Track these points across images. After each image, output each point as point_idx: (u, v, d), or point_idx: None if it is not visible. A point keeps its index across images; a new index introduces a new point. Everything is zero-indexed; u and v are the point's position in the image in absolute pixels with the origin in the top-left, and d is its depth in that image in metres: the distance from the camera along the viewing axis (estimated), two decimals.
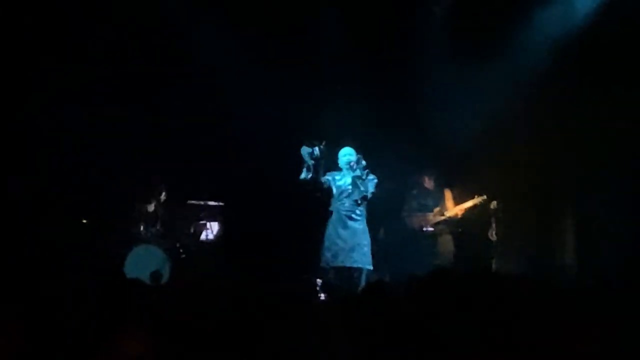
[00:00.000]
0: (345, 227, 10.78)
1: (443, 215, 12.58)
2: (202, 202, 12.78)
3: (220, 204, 12.92)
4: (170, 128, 12.74)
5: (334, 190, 10.87)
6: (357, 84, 12.60)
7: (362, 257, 10.71)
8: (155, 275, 11.36)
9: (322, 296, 8.46)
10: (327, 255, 10.70)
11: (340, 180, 10.90)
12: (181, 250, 12.25)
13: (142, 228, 12.28)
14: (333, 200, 10.88)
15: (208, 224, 12.84)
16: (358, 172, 10.74)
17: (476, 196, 12.48)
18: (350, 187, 10.82)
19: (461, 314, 4.95)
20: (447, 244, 12.55)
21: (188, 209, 12.77)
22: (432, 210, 12.59)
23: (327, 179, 10.87)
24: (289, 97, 12.55)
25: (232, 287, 5.99)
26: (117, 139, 12.36)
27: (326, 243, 10.76)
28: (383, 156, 11.47)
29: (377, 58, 12.58)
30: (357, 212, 10.81)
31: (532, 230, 12.53)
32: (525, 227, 12.48)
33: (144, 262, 11.50)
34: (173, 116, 12.78)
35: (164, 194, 12.47)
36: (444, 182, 12.75)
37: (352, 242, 10.74)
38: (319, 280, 10.29)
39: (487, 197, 12.41)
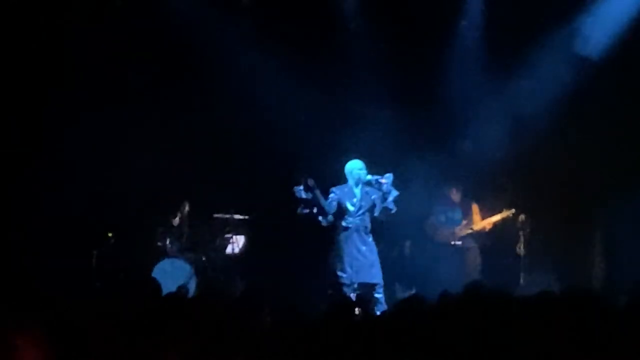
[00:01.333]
0: (365, 243, 10.63)
1: (471, 228, 12.50)
2: (227, 216, 12.73)
3: (246, 217, 12.88)
4: (197, 141, 12.72)
5: (349, 207, 10.64)
6: (385, 95, 12.51)
7: (378, 272, 10.63)
8: (182, 290, 11.31)
9: (357, 311, 8.33)
10: (350, 271, 10.53)
11: (353, 196, 10.66)
12: (207, 265, 12.21)
13: (167, 242, 12.27)
14: (347, 216, 10.63)
15: (234, 237, 12.80)
16: (368, 179, 10.59)
17: (504, 210, 12.41)
18: (363, 201, 10.63)
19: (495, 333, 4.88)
20: (474, 258, 12.47)
21: (214, 223, 12.74)
22: (459, 224, 12.52)
23: (334, 198, 10.63)
24: (316, 110, 12.51)
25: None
26: (142, 152, 12.33)
27: (347, 259, 10.56)
28: (410, 169, 11.41)
29: (406, 69, 12.50)
30: (370, 226, 10.71)
31: (560, 244, 12.41)
32: (554, 241, 12.36)
33: (170, 276, 11.45)
34: (199, 129, 12.75)
35: (187, 207, 12.46)
36: (471, 195, 12.68)
37: (371, 258, 10.63)
38: (352, 295, 10.17)
39: (515, 211, 12.34)
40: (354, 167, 10.69)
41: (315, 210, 10.56)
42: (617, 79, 12.00)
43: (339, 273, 10.56)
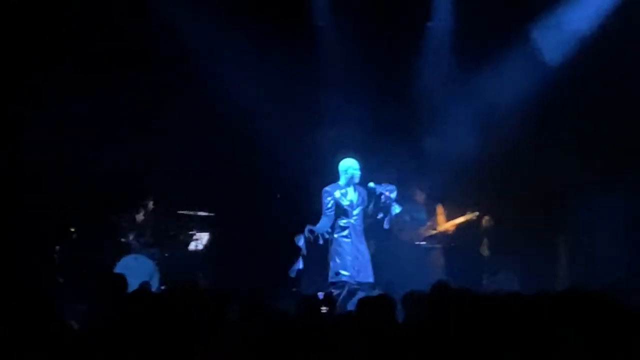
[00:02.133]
0: (362, 241, 10.65)
1: (435, 229, 12.55)
2: (192, 213, 12.67)
3: (211, 214, 12.82)
4: (163, 138, 12.63)
5: (346, 207, 10.58)
6: (352, 93, 12.51)
7: (372, 271, 10.66)
8: (144, 286, 11.24)
9: (324, 309, 8.31)
10: (353, 271, 10.48)
11: (348, 195, 10.61)
12: (170, 261, 12.15)
13: (131, 238, 12.19)
14: (344, 216, 10.57)
15: (198, 234, 12.75)
16: (371, 187, 10.59)
17: (468, 212, 12.47)
18: (359, 200, 10.61)
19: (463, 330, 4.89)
20: (438, 258, 12.50)
21: (178, 219, 12.67)
22: (424, 225, 12.56)
23: (331, 202, 10.53)
24: (283, 107, 12.49)
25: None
26: (107, 148, 12.25)
27: (348, 259, 10.52)
28: (376, 167, 11.39)
29: (375, 68, 12.51)
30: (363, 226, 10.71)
31: (523, 246, 12.46)
32: (517, 243, 12.41)
33: (133, 272, 11.32)
34: (166, 125, 12.67)
35: (151, 203, 12.40)
36: (436, 196, 12.72)
37: (367, 256, 10.68)
38: (320, 294, 10.13)
39: (479, 213, 12.40)
40: (350, 166, 10.63)
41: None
42: (582, 82, 12.07)
43: (341, 272, 10.49)
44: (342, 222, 10.59)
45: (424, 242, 12.52)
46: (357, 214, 10.61)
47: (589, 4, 12.18)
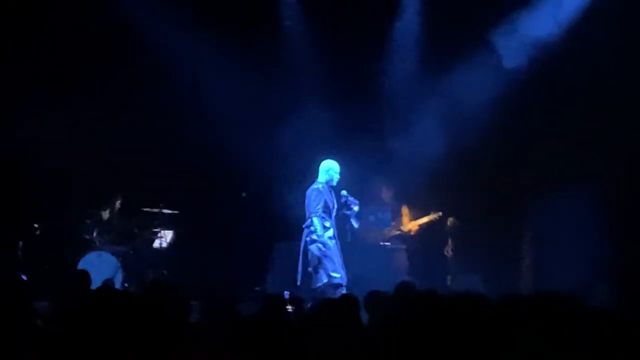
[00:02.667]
0: (338, 242, 10.64)
1: (398, 230, 12.60)
2: (156, 210, 12.62)
3: (175, 212, 12.78)
4: (128, 136, 12.57)
5: (331, 208, 10.57)
6: (320, 94, 12.51)
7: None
8: (107, 283, 11.19)
9: (290, 308, 8.28)
10: (342, 272, 10.46)
11: (331, 196, 10.60)
12: (134, 258, 12.10)
13: (95, 234, 12.13)
14: (328, 217, 10.52)
15: (162, 231, 12.70)
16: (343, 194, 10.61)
17: (431, 212, 12.52)
18: (336, 201, 10.60)
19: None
20: (402, 259, 12.54)
21: (142, 217, 12.61)
22: (389, 226, 12.59)
23: (324, 199, 10.51)
24: (249, 107, 12.49)
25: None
26: (73, 145, 12.18)
27: (337, 260, 10.50)
28: (343, 166, 11.40)
29: (344, 68, 12.53)
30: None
31: (488, 247, 12.53)
32: (482, 244, 12.47)
33: (97, 269, 11.26)
34: (133, 124, 12.61)
35: (119, 202, 12.35)
36: (402, 196, 12.75)
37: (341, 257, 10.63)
38: (286, 293, 10.07)
39: (442, 213, 12.47)
40: (331, 168, 10.60)
41: None
42: (544, 85, 12.18)
43: (332, 274, 10.43)
44: (327, 222, 10.52)
45: (388, 243, 12.54)
46: (335, 215, 10.62)
47: (546, 10, 12.31)
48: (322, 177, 10.63)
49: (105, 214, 12.23)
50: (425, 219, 12.61)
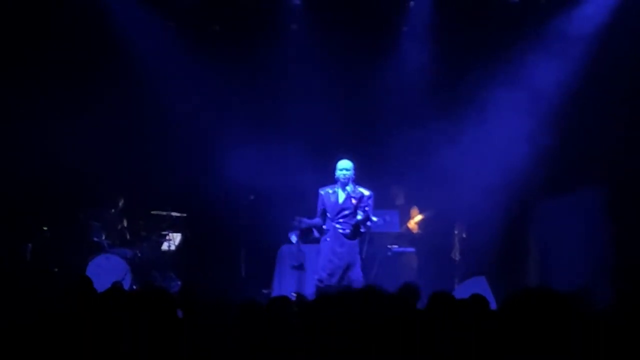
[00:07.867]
0: (342, 245, 10.38)
1: (407, 228, 12.69)
2: (164, 213, 12.66)
3: (184, 215, 12.83)
4: (137, 139, 12.64)
5: (328, 209, 10.43)
6: (320, 94, 12.49)
7: (358, 275, 10.42)
8: (116, 285, 11.21)
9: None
10: (323, 274, 10.35)
11: (332, 197, 10.44)
12: (143, 261, 12.15)
13: (103, 237, 12.19)
14: (328, 219, 10.45)
15: (170, 234, 12.76)
16: (351, 187, 10.43)
17: (428, 210, 12.67)
18: (346, 203, 10.39)
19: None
20: (410, 261, 12.54)
21: (151, 219, 12.66)
22: (397, 228, 12.60)
23: (322, 202, 10.46)
24: (254, 111, 12.57)
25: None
26: (82, 148, 12.23)
27: (321, 262, 10.43)
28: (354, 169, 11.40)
29: (344, 69, 12.54)
30: (351, 230, 10.41)
31: (494, 251, 12.51)
32: (488, 248, 12.46)
33: (105, 272, 11.34)
34: (139, 128, 12.67)
35: (121, 202, 12.42)
36: (412, 199, 12.81)
37: (348, 259, 10.39)
38: (293, 294, 10.04)
39: (433, 211, 12.56)
40: (336, 167, 10.46)
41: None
42: None
43: (315, 276, 10.48)
44: (325, 225, 10.50)
45: (396, 246, 12.57)
46: (340, 216, 10.44)
47: None
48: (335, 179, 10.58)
49: (111, 216, 12.32)
50: (419, 217, 12.74)
